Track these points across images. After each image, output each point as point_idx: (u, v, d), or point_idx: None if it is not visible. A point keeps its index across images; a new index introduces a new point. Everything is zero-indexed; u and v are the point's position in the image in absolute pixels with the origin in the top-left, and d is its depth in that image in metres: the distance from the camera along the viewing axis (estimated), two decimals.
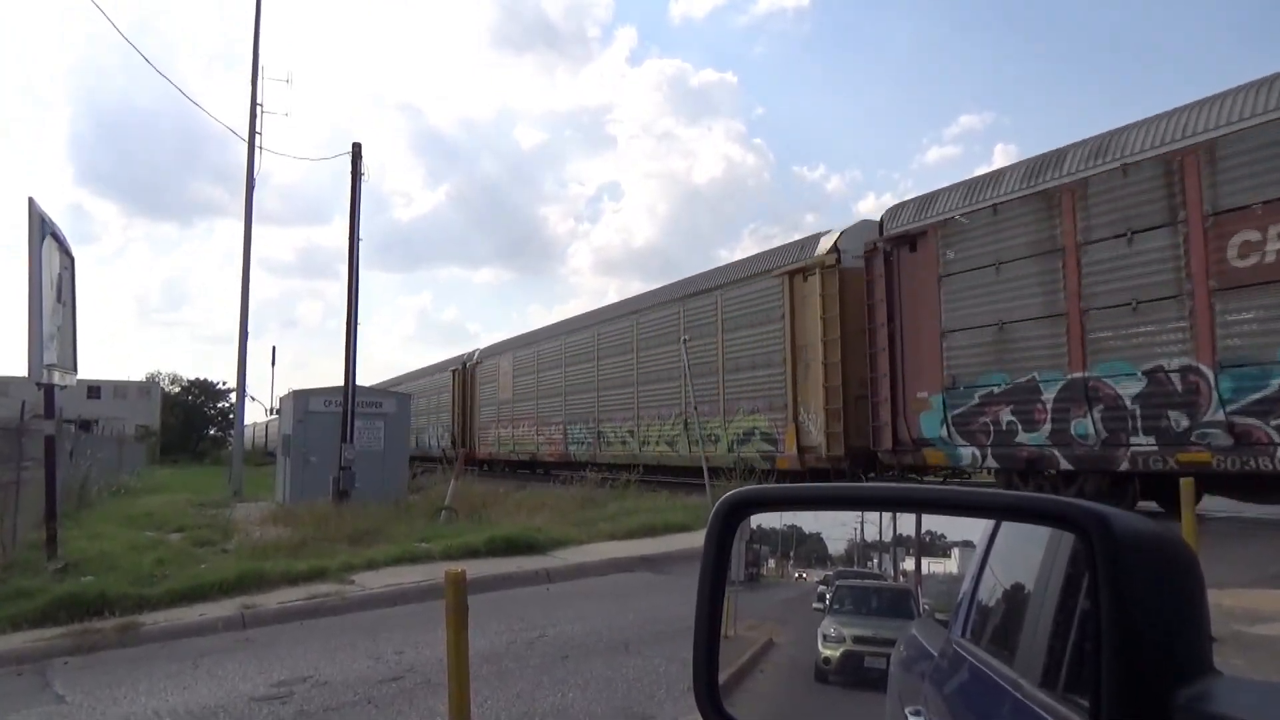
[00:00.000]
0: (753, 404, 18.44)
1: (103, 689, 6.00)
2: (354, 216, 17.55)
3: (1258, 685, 0.83)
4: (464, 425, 35.08)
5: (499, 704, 5.20)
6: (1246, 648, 5.35)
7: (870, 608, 1.21)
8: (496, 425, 32.02)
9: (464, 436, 34.50)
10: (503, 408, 31.58)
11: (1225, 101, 10.61)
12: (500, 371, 31.95)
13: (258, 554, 10.61)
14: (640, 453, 22.13)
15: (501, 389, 31.66)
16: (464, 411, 35.26)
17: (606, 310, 26.49)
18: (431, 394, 39.52)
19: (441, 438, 38.08)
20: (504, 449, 31.14)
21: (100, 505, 18.18)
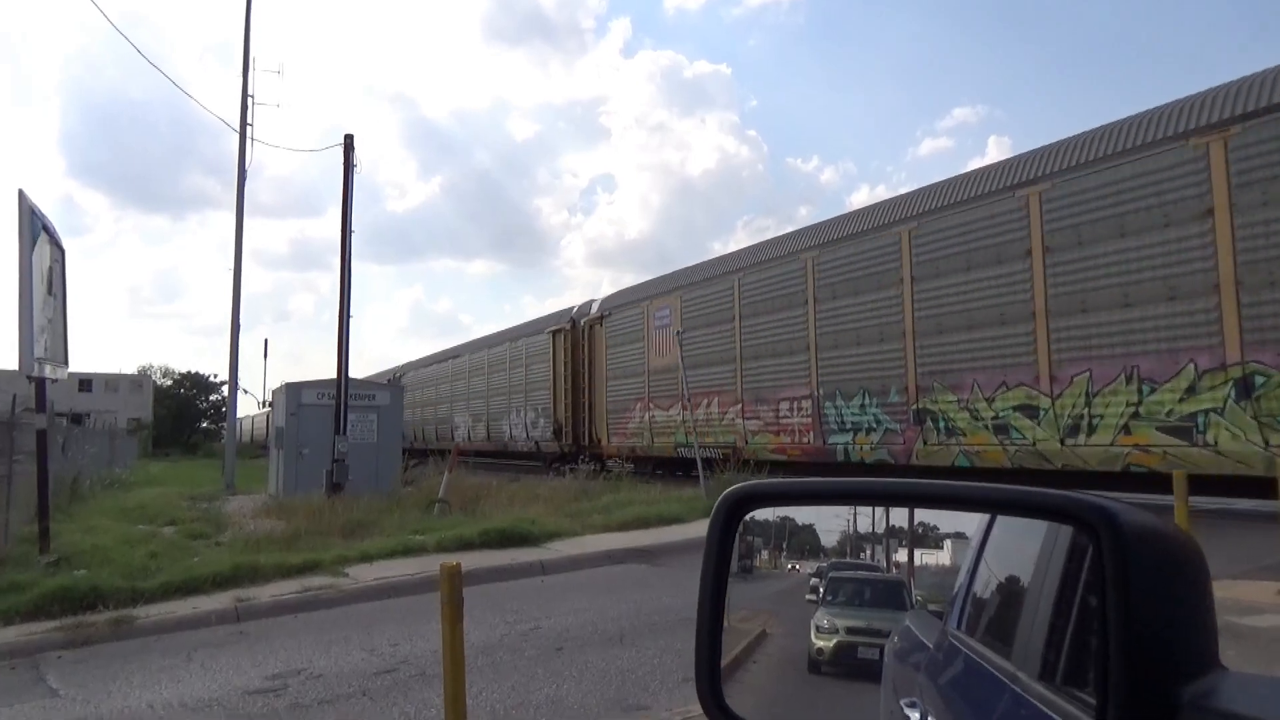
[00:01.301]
0: None
1: (96, 682, 5.99)
2: (346, 208, 17.49)
3: (1264, 681, 0.83)
4: (576, 407, 26.12)
5: (494, 696, 5.21)
6: (1238, 639, 5.38)
7: (863, 599, 1.21)
8: (645, 405, 22.58)
9: (575, 422, 25.98)
10: (658, 379, 22.15)
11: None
12: (649, 325, 22.77)
13: (251, 547, 10.60)
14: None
15: (654, 352, 22.36)
16: (575, 389, 26.16)
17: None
18: (507, 367, 30.98)
19: (534, 426, 28.76)
20: (664, 439, 21.65)
21: (93, 499, 18.12)
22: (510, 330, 32.82)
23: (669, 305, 21.95)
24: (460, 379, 36.29)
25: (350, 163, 17.50)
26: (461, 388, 36.10)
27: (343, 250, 17.41)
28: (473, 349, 35.80)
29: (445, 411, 37.71)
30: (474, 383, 34.68)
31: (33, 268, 9.81)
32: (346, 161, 17.51)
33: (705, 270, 21.42)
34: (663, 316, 22.24)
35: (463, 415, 35.49)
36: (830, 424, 16.50)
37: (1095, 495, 0.87)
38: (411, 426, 38.82)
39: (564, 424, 26.64)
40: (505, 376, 31.31)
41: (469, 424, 34.73)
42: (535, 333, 29.55)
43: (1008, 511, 1.03)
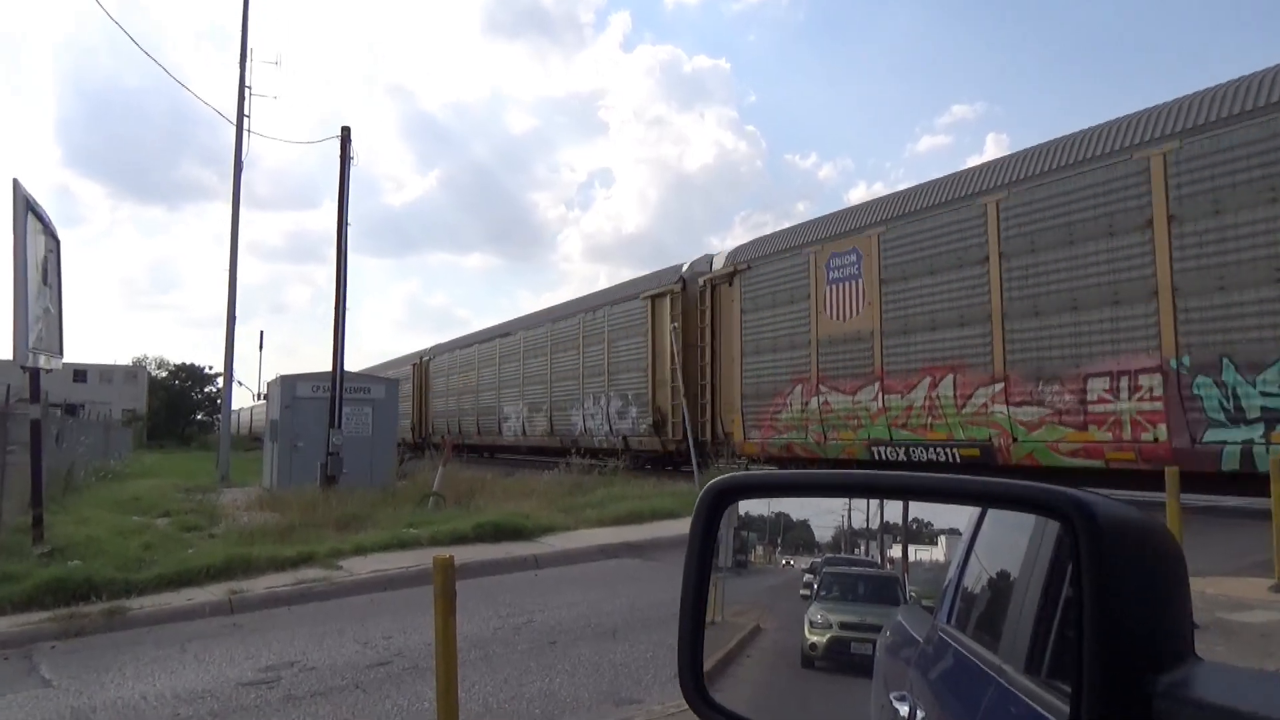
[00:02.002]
0: None
1: (89, 673, 5.99)
2: (342, 201, 17.46)
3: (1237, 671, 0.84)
4: (690, 392, 19.58)
5: (486, 689, 5.22)
6: (1229, 634, 5.41)
7: (857, 594, 1.22)
8: (810, 387, 16.79)
9: (687, 410, 19.19)
10: (835, 351, 16.37)
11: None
12: (818, 277, 16.92)
13: (245, 539, 10.59)
14: None
15: (829, 314, 16.54)
16: (688, 367, 19.96)
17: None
18: (580, 344, 25.67)
19: (621, 416, 23.04)
20: (843, 433, 16.08)
21: (87, 490, 18.08)
22: (586, 299, 26.73)
23: (856, 248, 15.99)
24: (511, 361, 30.53)
25: (347, 155, 17.47)
26: (513, 371, 30.26)
27: (338, 243, 17.38)
28: (530, 324, 30.01)
29: (489, 400, 32.26)
30: (532, 365, 28.94)
31: (27, 258, 9.78)
32: (343, 154, 17.47)
33: (924, 195, 15.08)
34: (845, 265, 16.28)
35: (514, 404, 29.85)
36: (1208, 410, 10.76)
37: (1075, 489, 0.88)
38: (445, 418, 36.46)
39: (667, 414, 20.85)
40: (576, 356, 25.67)
41: (523, 414, 29.22)
42: (624, 299, 23.57)
43: (989, 504, 1.04)
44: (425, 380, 40.02)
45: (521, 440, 29.29)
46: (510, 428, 30.19)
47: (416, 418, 40.13)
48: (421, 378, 40.30)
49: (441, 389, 38.10)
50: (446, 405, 37.24)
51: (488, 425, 32.35)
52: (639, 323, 22.61)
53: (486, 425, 32.44)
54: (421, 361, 40.98)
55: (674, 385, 19.96)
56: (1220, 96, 11.08)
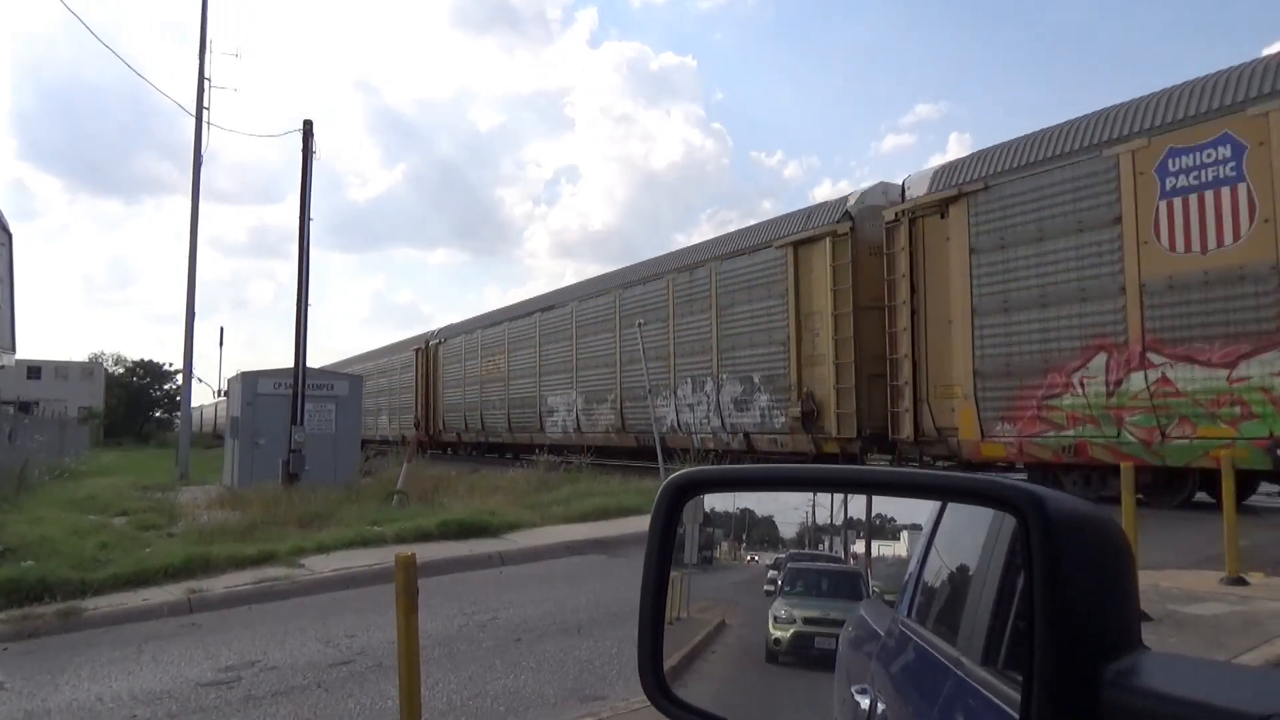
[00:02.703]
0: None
1: (44, 674, 5.87)
2: (304, 196, 17.25)
3: (1182, 660, 0.86)
4: (862, 373, 15.45)
5: (450, 687, 5.19)
6: (1181, 626, 5.53)
7: (821, 589, 1.23)
8: (1133, 357, 11.52)
9: (864, 396, 15.42)
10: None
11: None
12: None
13: (205, 538, 10.44)
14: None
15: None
16: (859, 336, 15.47)
17: None
18: (670, 313, 20.60)
19: (743, 405, 18.20)
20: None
21: (41, 489, 17.70)
22: (680, 254, 21.57)
23: (1230, 135, 10.63)
24: (558, 340, 25.06)
25: (309, 148, 17.26)
26: (561, 353, 24.91)
27: (301, 238, 17.17)
28: (586, 293, 24.84)
29: (525, 389, 27.00)
30: (590, 345, 23.70)
31: None
32: (305, 147, 17.26)
33: None
34: (1201, 165, 10.93)
35: (563, 393, 24.56)
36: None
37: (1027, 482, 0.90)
38: (461, 412, 31.74)
39: (826, 402, 15.84)
40: (664, 330, 20.38)
41: (576, 406, 24.02)
42: (746, 249, 18.20)
43: (944, 497, 1.05)
44: (433, 368, 34.59)
45: (573, 437, 23.23)
46: (557, 422, 24.96)
47: (422, 412, 35.08)
48: (428, 366, 34.99)
49: (456, 378, 32.48)
50: (463, 397, 31.55)
51: (523, 419, 26.99)
52: (773, 280, 17.22)
53: (522, 420, 27.10)
54: (428, 347, 35.41)
55: (839, 362, 15.32)
56: None
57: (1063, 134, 12.65)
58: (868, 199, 15.97)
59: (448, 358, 33.63)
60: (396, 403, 38.55)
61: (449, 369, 33.45)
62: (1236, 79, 10.80)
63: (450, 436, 33.68)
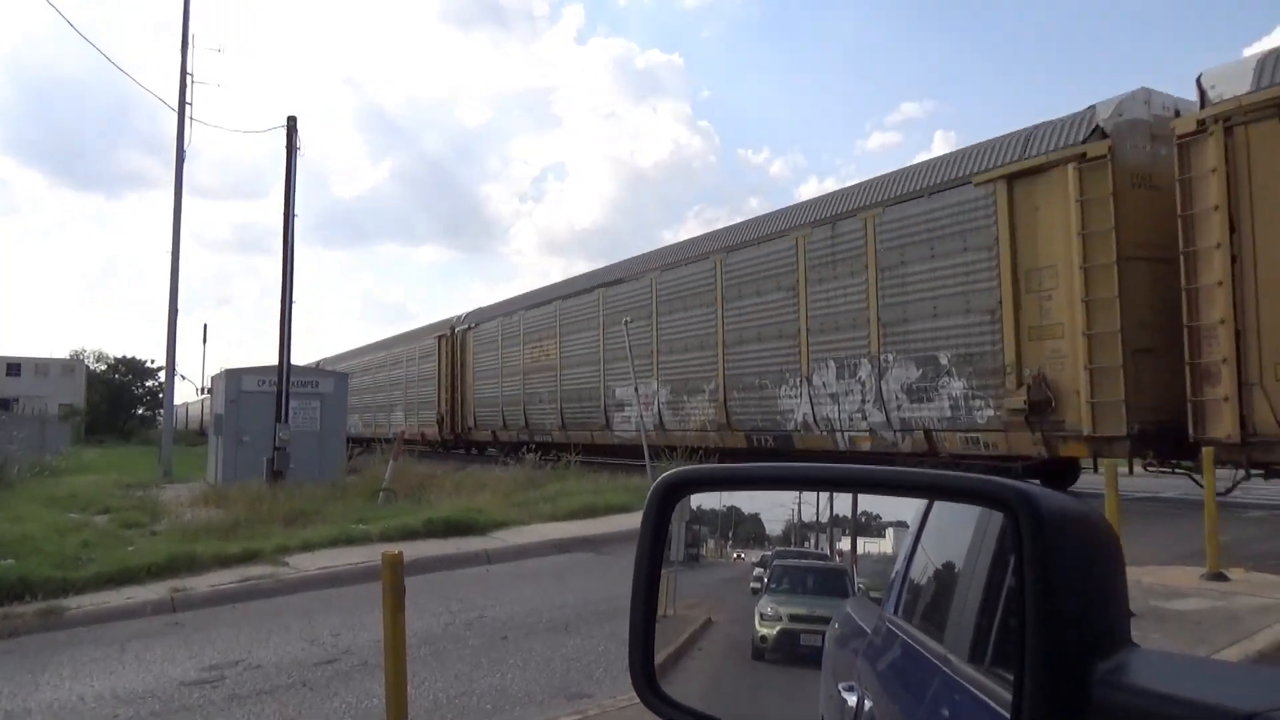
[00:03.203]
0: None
1: (24, 674, 5.82)
2: (289, 192, 17.16)
3: (1171, 657, 0.87)
4: (1231, 330, 10.24)
5: (437, 685, 5.18)
6: (1163, 621, 5.58)
7: (806, 587, 1.23)
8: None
9: (1236, 363, 10.07)
10: None
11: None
12: None
13: (188, 536, 10.37)
14: None
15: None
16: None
17: None
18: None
19: (920, 394, 14.00)
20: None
21: (21, 486, 17.54)
22: (807, 205, 17.46)
23: None
24: (629, 319, 19.06)
25: (293, 144, 17.17)
26: (634, 336, 18.92)
27: (285, 234, 17.08)
28: (669, 260, 20.43)
29: (584, 380, 22.67)
30: (675, 323, 19.51)
31: None
32: (289, 143, 17.17)
33: None
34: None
35: (640, 384, 19.23)
36: None
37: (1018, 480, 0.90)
38: (498, 407, 26.97)
39: (1063, 387, 11.89)
40: (791, 301, 16.32)
41: (657, 399, 19.77)
42: (921, 192, 14.02)
43: (935, 496, 1.05)
44: (459, 357, 29.89)
45: (653, 436, 18.38)
46: (630, 418, 20.21)
47: (447, 407, 30.35)
48: (453, 355, 30.33)
49: (490, 368, 27.73)
50: (501, 389, 26.93)
51: (582, 415, 22.69)
52: (971, 226, 13.07)
53: (580, 415, 22.77)
54: (453, 334, 30.54)
55: (1096, 332, 11.32)
56: None
57: None
58: (1126, 110, 11.71)
59: (479, 344, 28.70)
60: (414, 396, 33.73)
61: (481, 358, 28.53)
62: None
63: (483, 435, 28.51)
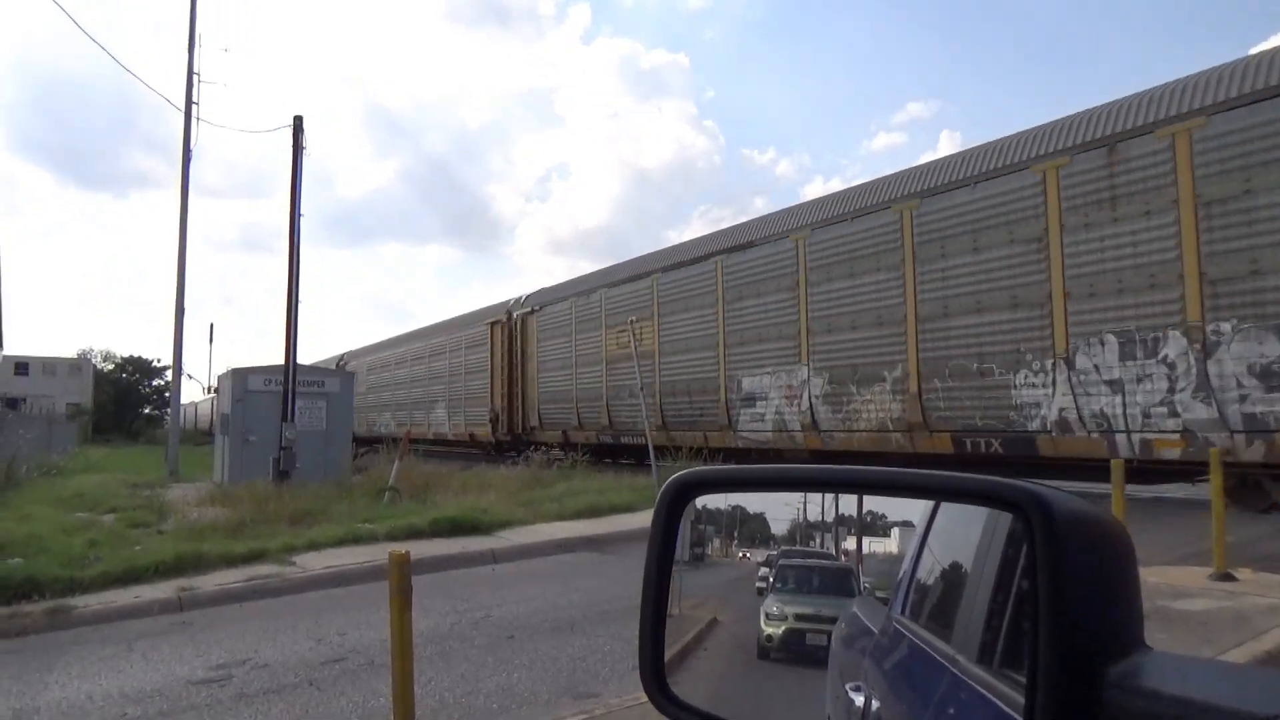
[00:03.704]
0: None
1: (32, 673, 5.84)
2: (295, 191, 17.17)
3: (1186, 660, 0.87)
4: None
5: (443, 684, 5.19)
6: (1170, 622, 5.56)
7: (812, 586, 1.23)
8: None
9: None
10: None
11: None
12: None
13: (195, 535, 10.39)
14: None
15: None
16: None
17: None
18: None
19: None
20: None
21: (29, 486, 17.61)
22: (1082, 119, 12.21)
23: None
24: (766, 293, 16.77)
25: (299, 144, 17.19)
26: (773, 312, 16.63)
27: (291, 234, 17.09)
28: (839, 213, 15.79)
29: (699, 370, 18.63)
30: (840, 294, 15.36)
31: None
32: (295, 143, 17.19)
33: None
34: None
35: (780, 373, 16.38)
36: None
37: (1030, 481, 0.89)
38: (571, 403, 23.01)
39: None
40: (1039, 253, 12.37)
41: (810, 390, 15.71)
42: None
43: (946, 498, 1.05)
44: (518, 346, 26.10)
45: (799, 438, 15.90)
46: (763, 415, 16.80)
47: (503, 404, 26.43)
48: (510, 343, 26.42)
49: (560, 357, 23.68)
50: (576, 382, 22.92)
51: (690, 413, 18.70)
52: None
53: (689, 412, 18.75)
54: (510, 319, 26.64)
55: None
56: None
57: None
58: None
59: (545, 331, 24.71)
60: (460, 392, 29.51)
61: (548, 346, 24.49)
62: None
63: (550, 435, 24.08)
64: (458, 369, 30.09)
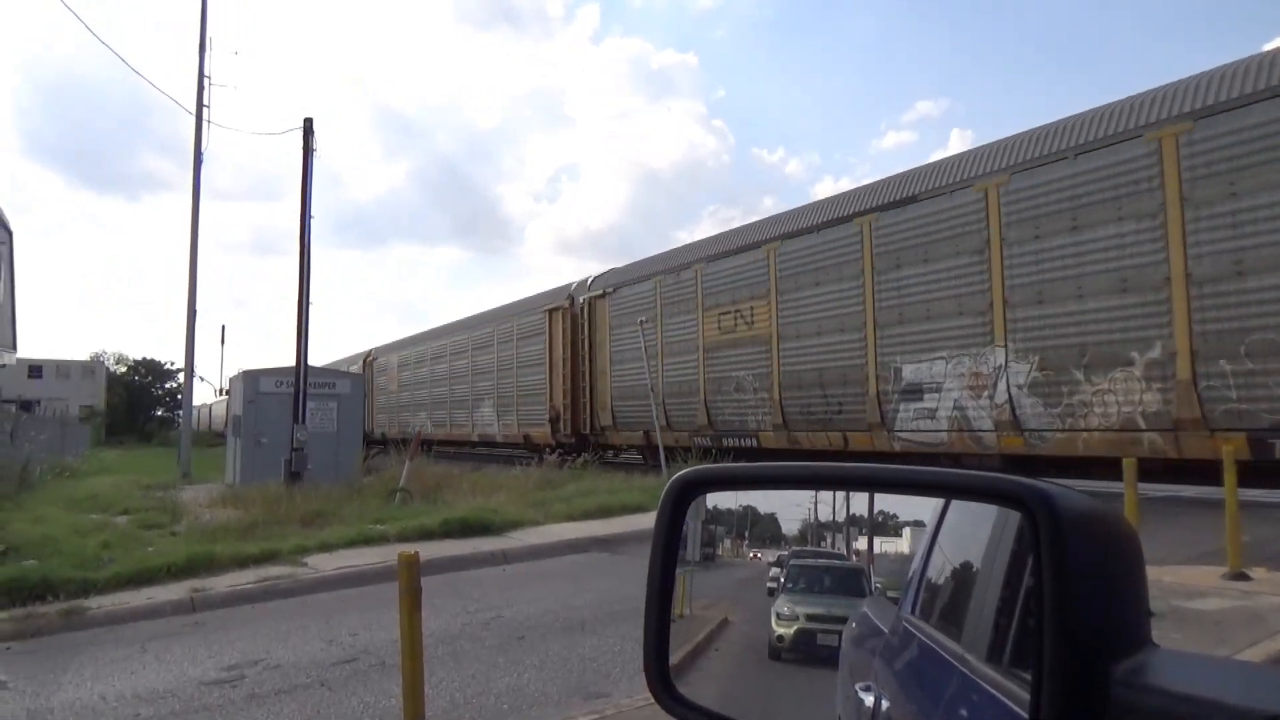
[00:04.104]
0: None
1: (46, 674, 5.88)
2: (305, 193, 17.24)
3: (1192, 657, 0.86)
4: None
5: (454, 684, 5.19)
6: (1184, 622, 5.53)
7: (823, 587, 1.22)
8: None
9: None
10: None
11: None
12: None
13: (207, 536, 10.45)
14: None
15: None
16: None
17: None
18: None
19: None
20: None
21: (43, 488, 17.73)
22: None
23: None
24: (963, 250, 13.14)
25: (309, 146, 17.25)
26: (977, 279, 12.91)
27: (301, 235, 17.16)
28: (1106, 135, 11.55)
29: (834, 356, 15.36)
30: (1067, 247, 11.82)
31: None
32: (306, 145, 17.25)
33: None
34: None
35: (970, 356, 13.00)
36: None
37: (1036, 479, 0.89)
38: (658, 397, 18.94)
39: None
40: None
41: (1020, 375, 12.36)
42: None
43: (951, 495, 1.05)
44: (584, 335, 22.86)
45: (987, 440, 12.83)
46: (931, 412, 13.58)
47: (566, 400, 22.99)
48: (574, 332, 23.23)
49: (637, 346, 19.50)
50: (662, 374, 19.43)
51: (825, 408, 15.50)
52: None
53: (820, 408, 15.62)
54: (573, 304, 23.51)
55: None
56: None
57: None
58: None
59: (619, 315, 21.44)
60: (510, 388, 26.24)
61: (623, 334, 21.19)
62: None
63: (627, 436, 21.34)
64: (508, 363, 26.66)
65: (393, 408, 36.56)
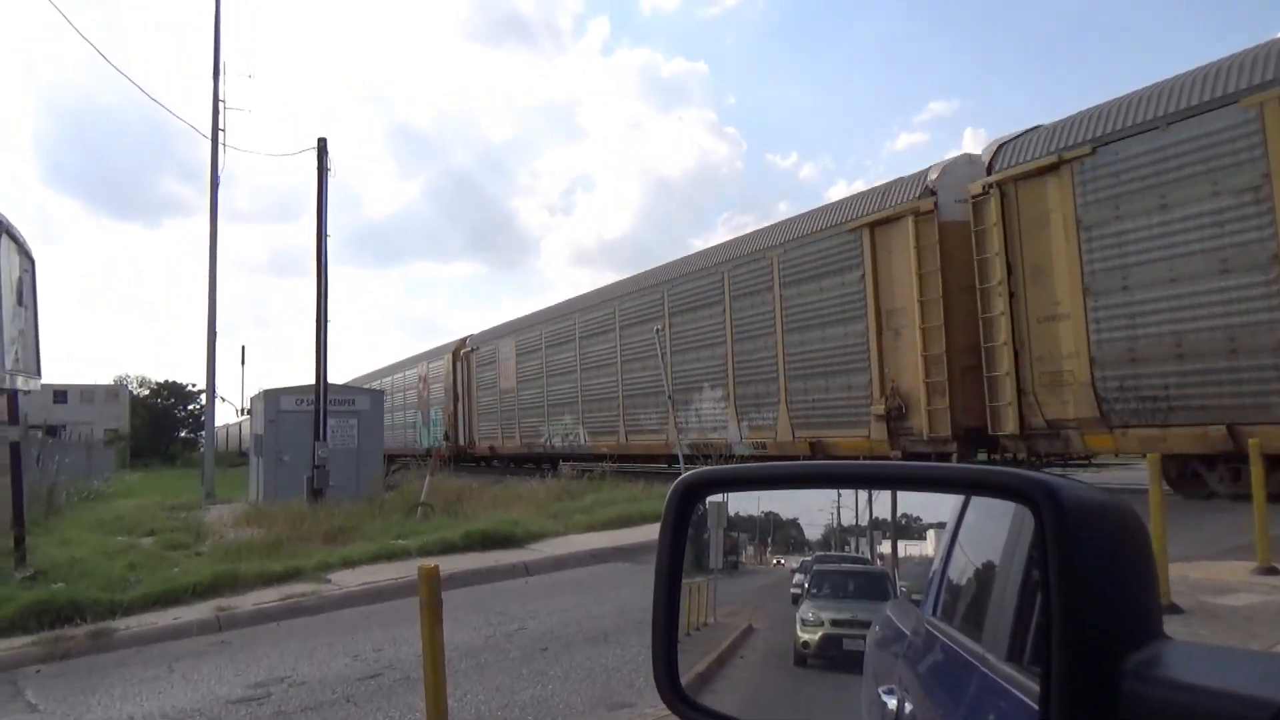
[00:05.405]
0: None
1: (76, 695, 5.92)
2: (321, 213, 17.37)
3: (1204, 648, 0.85)
4: None
5: (479, 697, 5.20)
6: (1213, 617, 5.46)
7: (847, 591, 1.22)
8: None
9: None
10: None
11: None
12: None
13: (232, 555, 10.50)
14: None
15: None
16: None
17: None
18: None
19: None
20: None
21: (69, 511, 17.88)
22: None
23: None
24: None
25: (324, 166, 17.39)
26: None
27: (318, 255, 17.29)
28: None
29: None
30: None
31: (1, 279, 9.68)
32: (320, 165, 17.39)
33: None
34: None
35: None
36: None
37: (1041, 472, 0.88)
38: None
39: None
40: None
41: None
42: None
43: (959, 490, 1.04)
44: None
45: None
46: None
47: (930, 371, 13.98)
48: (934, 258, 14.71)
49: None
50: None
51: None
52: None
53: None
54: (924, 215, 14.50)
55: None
56: None
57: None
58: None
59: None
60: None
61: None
62: None
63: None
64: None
65: (503, 410, 27.02)
